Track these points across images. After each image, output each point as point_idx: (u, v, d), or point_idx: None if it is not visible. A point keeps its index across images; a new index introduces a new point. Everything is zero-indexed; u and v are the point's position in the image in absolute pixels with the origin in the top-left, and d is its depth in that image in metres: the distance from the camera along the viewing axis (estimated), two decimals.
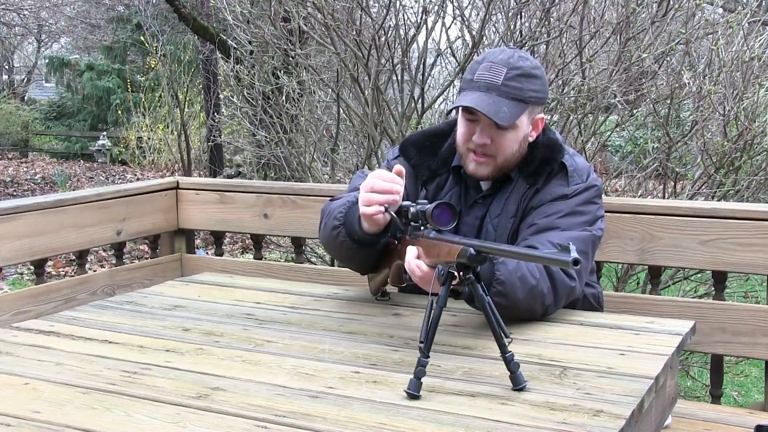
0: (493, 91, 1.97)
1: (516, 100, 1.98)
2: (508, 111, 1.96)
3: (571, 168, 2.06)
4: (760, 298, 4.33)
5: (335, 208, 2.05)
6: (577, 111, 3.69)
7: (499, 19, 4.12)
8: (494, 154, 2.04)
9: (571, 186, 2.04)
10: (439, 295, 1.53)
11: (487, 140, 2.02)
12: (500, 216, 2.08)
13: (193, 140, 11.98)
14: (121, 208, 3.02)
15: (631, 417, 1.37)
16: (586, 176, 2.07)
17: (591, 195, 2.05)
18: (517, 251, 1.45)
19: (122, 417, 1.40)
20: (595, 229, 2.03)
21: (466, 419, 1.36)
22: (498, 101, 1.96)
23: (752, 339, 2.35)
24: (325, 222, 2.09)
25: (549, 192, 2.04)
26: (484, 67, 2.02)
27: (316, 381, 1.54)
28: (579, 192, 2.03)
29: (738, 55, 3.65)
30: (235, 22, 4.73)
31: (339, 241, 2.01)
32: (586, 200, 2.04)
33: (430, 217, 1.60)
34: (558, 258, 1.34)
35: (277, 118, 4.67)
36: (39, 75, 23.66)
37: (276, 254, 6.23)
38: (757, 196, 3.69)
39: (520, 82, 1.99)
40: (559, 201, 2.02)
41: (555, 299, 1.89)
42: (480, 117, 2.00)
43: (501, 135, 2.01)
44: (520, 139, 2.05)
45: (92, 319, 2.00)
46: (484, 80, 1.99)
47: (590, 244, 2.01)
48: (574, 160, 2.09)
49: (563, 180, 2.05)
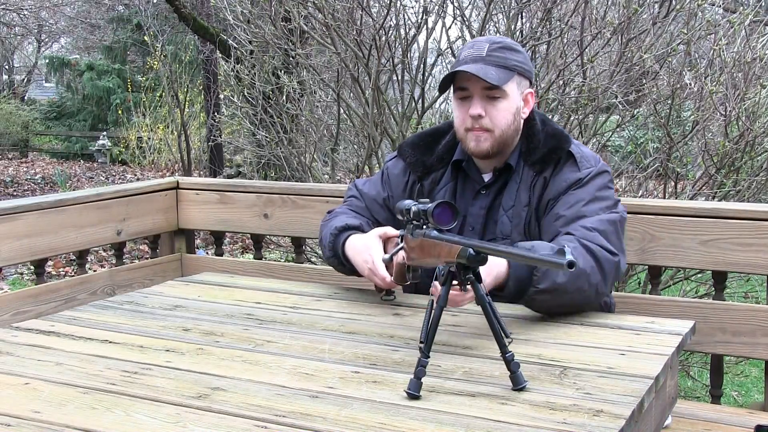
0: (479, 61, 2.06)
1: (502, 67, 2.07)
2: (496, 74, 2.04)
3: (579, 155, 2.10)
4: (760, 298, 4.33)
5: (325, 235, 2.22)
6: (578, 111, 3.69)
7: (499, 19, 4.12)
8: (491, 128, 2.09)
9: (582, 170, 2.08)
10: (440, 295, 1.53)
11: (481, 110, 2.07)
12: (514, 207, 2.12)
13: (193, 140, 11.98)
14: (121, 208, 3.02)
15: (631, 417, 1.37)
16: (594, 162, 2.11)
17: (605, 180, 2.10)
18: (515, 252, 1.44)
19: (122, 417, 1.40)
20: (620, 211, 2.08)
21: (466, 419, 1.36)
22: (485, 68, 2.05)
23: (752, 339, 2.35)
24: (321, 243, 2.26)
25: (563, 179, 2.08)
26: (467, 47, 2.14)
27: (316, 381, 1.54)
28: (593, 176, 2.07)
29: (739, 56, 3.65)
30: (236, 21, 4.73)
31: (335, 264, 2.20)
32: (603, 185, 2.08)
33: (431, 216, 1.61)
34: (553, 260, 1.33)
35: (278, 117, 4.67)
36: (39, 75, 23.68)
37: (276, 254, 6.23)
38: (758, 196, 3.69)
39: (504, 53, 2.09)
40: (576, 189, 2.06)
41: (603, 276, 1.92)
42: (472, 89, 2.07)
43: (494, 106, 2.08)
44: (513, 110, 2.10)
45: (92, 319, 2.00)
46: (470, 56, 2.08)
47: (619, 224, 2.05)
48: (580, 149, 2.14)
49: (574, 166, 2.09)
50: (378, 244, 2.04)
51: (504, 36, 2.27)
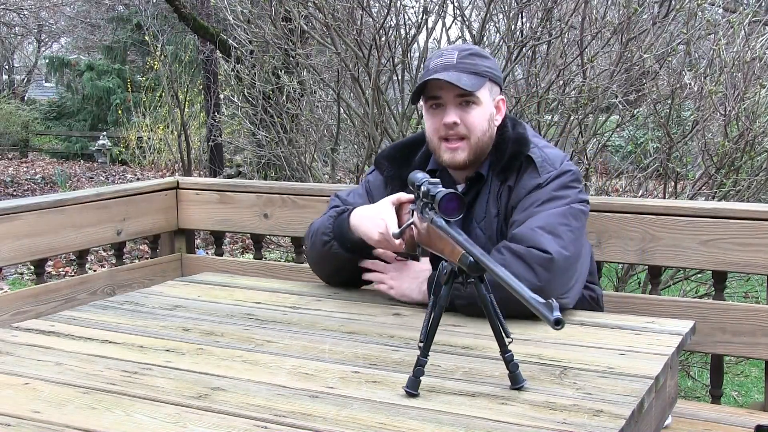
0: (450, 69, 2.03)
1: (473, 73, 2.04)
2: (469, 81, 2.02)
3: (540, 159, 2.05)
4: (760, 298, 4.34)
5: (319, 227, 2.16)
6: (578, 111, 3.69)
7: (499, 19, 4.13)
8: (466, 135, 2.06)
9: (542, 175, 2.03)
10: (441, 294, 1.53)
11: (455, 118, 2.04)
12: (485, 218, 2.09)
13: (193, 140, 11.97)
14: (121, 208, 3.01)
15: (631, 417, 1.37)
16: (558, 164, 2.06)
17: (566, 180, 2.04)
18: (510, 283, 1.39)
19: (122, 417, 1.39)
20: (577, 202, 2.01)
21: (466, 419, 1.36)
22: (458, 74, 2.02)
23: (752, 339, 2.35)
24: (312, 242, 2.20)
25: (523, 186, 2.04)
26: (435, 55, 2.12)
27: (316, 381, 1.54)
28: (552, 179, 2.03)
29: (739, 56, 3.65)
30: (236, 21, 4.73)
31: (332, 253, 2.12)
32: (562, 185, 2.02)
33: (438, 205, 1.60)
34: (542, 311, 1.31)
35: (278, 117, 4.67)
36: (39, 75, 23.68)
37: (276, 254, 6.23)
38: (757, 196, 3.69)
39: (474, 59, 2.06)
40: (534, 192, 2.02)
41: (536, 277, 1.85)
42: (444, 97, 2.04)
43: (468, 113, 2.05)
44: (487, 116, 2.08)
45: (92, 319, 2.00)
46: (440, 64, 2.06)
47: (569, 216, 1.98)
48: (543, 151, 2.08)
49: (534, 172, 2.04)
50: (391, 211, 2.00)
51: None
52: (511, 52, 3.76)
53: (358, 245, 2.08)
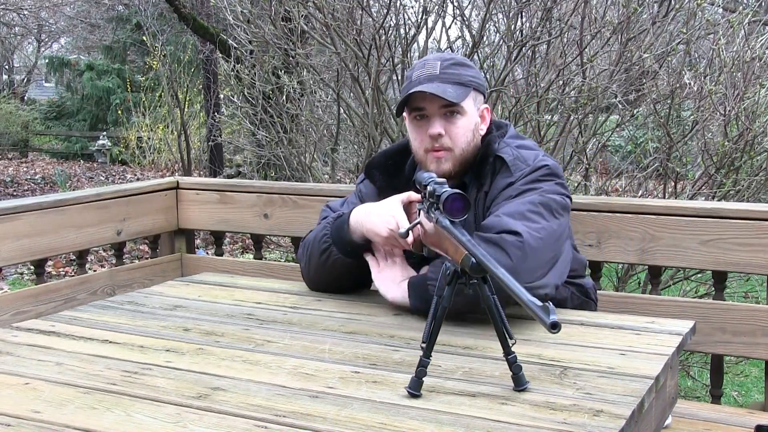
0: (434, 80, 2.01)
1: (457, 83, 2.02)
2: (453, 91, 2.00)
3: (511, 158, 2.03)
4: (760, 298, 4.33)
5: (315, 236, 2.13)
6: (577, 111, 3.69)
7: (499, 18, 4.13)
8: (450, 147, 2.04)
9: (515, 173, 2.00)
10: (444, 295, 1.52)
11: (440, 129, 2.02)
12: (466, 228, 2.06)
13: (193, 140, 11.98)
14: (121, 208, 3.02)
15: (631, 417, 1.37)
16: (531, 161, 2.03)
17: (539, 174, 2.00)
18: (508, 284, 1.38)
19: (122, 417, 1.39)
20: (548, 193, 1.96)
21: (466, 419, 1.36)
22: (442, 86, 2.00)
23: (752, 339, 2.35)
24: (309, 254, 2.16)
25: (496, 188, 2.02)
26: (418, 66, 2.09)
27: (317, 381, 1.54)
28: (525, 175, 2.00)
29: (739, 55, 3.65)
30: (236, 21, 4.73)
31: (331, 260, 2.09)
32: (534, 179, 1.99)
33: (443, 205, 1.60)
34: (539, 314, 1.31)
35: (278, 117, 4.67)
36: (39, 75, 23.70)
37: (276, 254, 6.23)
38: (757, 196, 3.69)
39: (457, 69, 2.04)
40: (506, 190, 2.00)
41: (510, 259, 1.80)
42: (429, 109, 2.03)
43: (452, 123, 2.03)
44: (472, 126, 2.06)
45: (92, 319, 2.00)
46: (423, 75, 2.03)
47: (539, 204, 1.93)
48: (517, 151, 2.06)
49: (507, 172, 2.02)
50: (401, 209, 1.96)
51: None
52: (511, 51, 3.76)
53: (357, 248, 2.06)
